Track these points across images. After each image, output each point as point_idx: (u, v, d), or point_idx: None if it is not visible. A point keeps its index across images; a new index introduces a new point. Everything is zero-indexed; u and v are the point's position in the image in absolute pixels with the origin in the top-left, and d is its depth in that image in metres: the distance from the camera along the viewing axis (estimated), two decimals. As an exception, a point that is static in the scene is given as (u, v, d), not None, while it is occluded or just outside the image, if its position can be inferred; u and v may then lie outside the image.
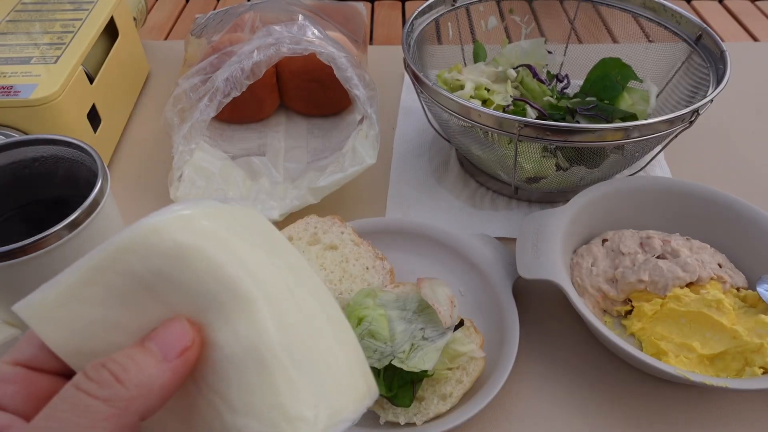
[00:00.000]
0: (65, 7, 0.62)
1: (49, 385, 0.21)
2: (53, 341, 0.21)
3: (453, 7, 0.63)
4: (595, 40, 0.67)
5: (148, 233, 0.20)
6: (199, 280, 0.20)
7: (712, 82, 0.51)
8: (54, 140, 0.41)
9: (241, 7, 0.65)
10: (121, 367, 0.19)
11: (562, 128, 0.45)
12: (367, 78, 0.55)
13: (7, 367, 0.21)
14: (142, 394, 0.19)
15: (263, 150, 0.62)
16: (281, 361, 0.20)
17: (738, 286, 0.44)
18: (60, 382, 0.21)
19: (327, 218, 0.49)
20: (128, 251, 0.20)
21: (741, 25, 0.89)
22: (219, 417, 0.20)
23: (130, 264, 0.20)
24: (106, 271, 0.20)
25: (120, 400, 0.18)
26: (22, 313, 0.21)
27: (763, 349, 0.39)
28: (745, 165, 0.62)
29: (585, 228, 0.49)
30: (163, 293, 0.20)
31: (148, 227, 0.20)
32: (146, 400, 0.19)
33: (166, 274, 0.20)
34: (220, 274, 0.20)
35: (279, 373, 0.20)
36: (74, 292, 0.20)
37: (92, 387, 0.19)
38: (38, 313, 0.20)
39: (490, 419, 0.41)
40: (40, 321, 0.21)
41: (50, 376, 0.22)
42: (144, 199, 0.58)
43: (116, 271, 0.20)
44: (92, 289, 0.20)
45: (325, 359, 0.22)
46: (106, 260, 0.20)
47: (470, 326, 0.42)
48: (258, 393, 0.20)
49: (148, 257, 0.20)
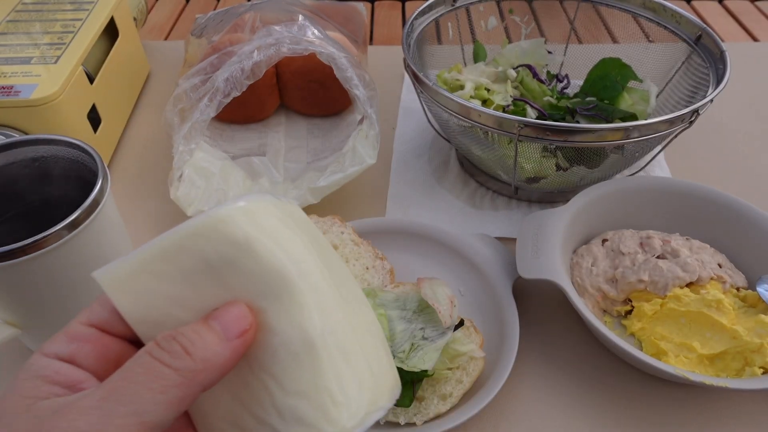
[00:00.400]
0: (65, 7, 0.62)
1: (117, 348, 0.23)
2: (123, 307, 0.23)
3: (453, 7, 0.63)
4: (595, 40, 0.67)
5: (217, 222, 0.22)
6: (260, 270, 0.22)
7: (712, 82, 0.51)
8: (54, 140, 0.41)
9: (241, 7, 0.65)
10: (190, 341, 0.21)
11: (562, 128, 0.45)
12: (367, 78, 0.55)
13: (82, 327, 0.23)
14: (207, 368, 0.21)
15: (263, 150, 0.62)
16: (329, 350, 0.23)
17: (738, 286, 0.44)
18: (126, 346, 0.23)
19: (327, 218, 0.49)
20: (199, 236, 0.22)
21: (741, 25, 0.89)
22: (270, 395, 0.22)
23: (200, 247, 0.22)
24: (177, 251, 0.22)
25: (188, 371, 0.20)
26: (100, 279, 0.23)
27: (763, 349, 0.39)
28: (745, 165, 0.62)
29: (585, 228, 0.49)
30: (226, 277, 0.22)
31: (218, 217, 0.22)
32: (209, 373, 0.21)
33: (231, 261, 0.22)
34: (279, 267, 0.22)
35: (327, 360, 0.23)
36: (146, 266, 0.22)
37: (165, 356, 0.20)
38: (113, 281, 0.23)
39: (490, 419, 0.41)
40: (114, 288, 0.23)
41: (118, 340, 0.23)
42: (144, 199, 0.58)
43: (187, 252, 0.22)
44: (163, 265, 0.22)
45: (364, 350, 0.24)
46: (178, 241, 0.22)
47: (470, 326, 0.42)
48: (308, 376, 0.22)
49: (218, 243, 0.22)
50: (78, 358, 0.22)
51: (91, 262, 0.39)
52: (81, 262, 0.38)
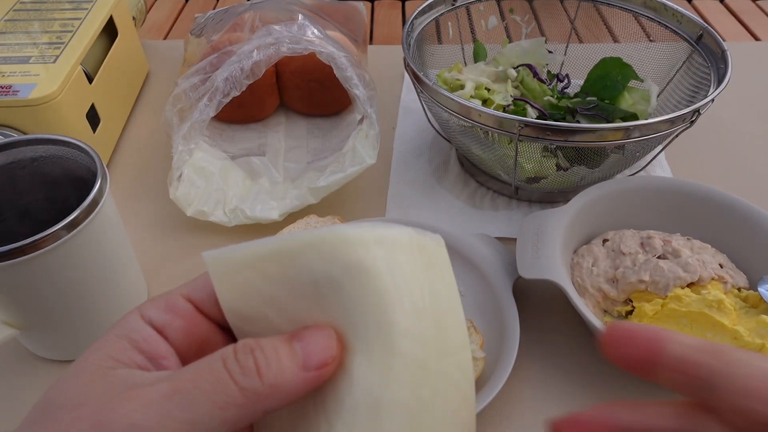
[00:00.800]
0: (64, 6, 0.62)
1: (206, 329, 0.23)
2: (222, 295, 0.22)
3: (453, 6, 0.63)
4: (596, 39, 0.67)
5: (338, 241, 0.21)
6: (365, 307, 0.21)
7: (713, 82, 0.51)
8: (53, 140, 0.41)
9: (240, 7, 0.65)
10: (266, 360, 0.20)
11: (562, 128, 0.45)
12: (367, 78, 0.55)
13: (181, 300, 0.23)
14: (273, 394, 0.20)
15: (263, 150, 0.62)
16: (393, 428, 0.20)
17: (739, 287, 0.44)
18: (214, 330, 0.23)
19: (327, 218, 0.49)
20: (314, 249, 0.21)
21: (742, 24, 0.89)
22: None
23: (310, 260, 0.21)
24: (289, 257, 0.21)
25: (253, 394, 0.20)
26: (209, 261, 0.22)
27: (765, 350, 0.39)
28: (747, 165, 0.62)
29: (585, 228, 0.49)
30: (326, 298, 0.21)
31: (341, 236, 0.21)
32: (274, 400, 0.20)
33: (337, 284, 0.21)
34: (383, 311, 0.20)
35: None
36: (255, 263, 0.22)
37: (236, 371, 0.20)
38: (220, 267, 0.22)
39: (489, 419, 0.41)
40: (219, 274, 0.22)
41: (208, 322, 0.23)
42: (143, 199, 0.58)
43: (297, 261, 0.21)
44: (271, 267, 0.22)
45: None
46: (292, 248, 0.21)
47: (470, 326, 0.42)
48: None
49: (330, 262, 0.21)
50: (168, 330, 0.22)
51: (90, 262, 0.39)
52: (80, 262, 0.38)
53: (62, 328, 0.41)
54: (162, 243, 0.53)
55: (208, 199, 0.53)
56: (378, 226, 0.22)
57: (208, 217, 0.52)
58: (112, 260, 0.41)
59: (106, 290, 0.42)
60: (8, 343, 0.43)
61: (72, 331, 0.42)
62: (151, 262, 0.51)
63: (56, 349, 0.44)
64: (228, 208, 0.53)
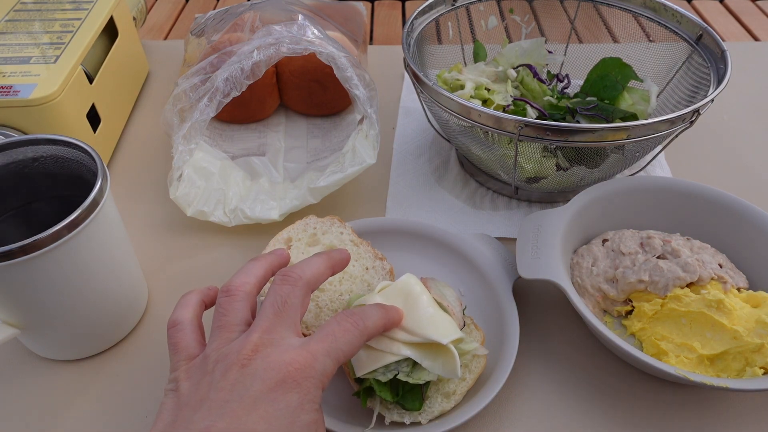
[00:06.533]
0: (65, 6, 0.62)
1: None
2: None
3: (453, 6, 0.63)
4: (596, 39, 0.67)
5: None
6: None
7: (713, 82, 0.51)
8: (53, 140, 0.41)
9: (240, 7, 0.65)
10: (368, 316, 0.35)
11: (562, 128, 0.45)
12: (367, 78, 0.55)
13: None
14: (372, 333, 0.35)
15: (263, 150, 0.62)
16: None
17: (739, 286, 0.44)
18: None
19: (326, 218, 0.49)
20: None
21: (742, 24, 0.89)
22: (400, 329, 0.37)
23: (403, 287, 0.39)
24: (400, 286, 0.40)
25: (365, 331, 0.34)
26: None
27: (764, 350, 0.39)
28: (746, 165, 0.62)
29: (585, 228, 0.49)
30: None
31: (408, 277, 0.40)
32: (371, 334, 0.35)
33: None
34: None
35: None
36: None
37: (355, 320, 0.34)
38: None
39: (490, 419, 0.41)
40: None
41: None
42: (144, 199, 0.58)
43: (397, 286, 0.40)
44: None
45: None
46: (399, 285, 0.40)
47: (471, 323, 0.42)
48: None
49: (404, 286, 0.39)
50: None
51: (91, 262, 0.39)
52: (80, 262, 0.38)
53: (62, 328, 0.41)
54: (162, 243, 0.53)
55: (208, 199, 0.53)
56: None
57: (208, 217, 0.52)
58: (112, 260, 0.41)
59: (106, 290, 0.42)
60: (8, 343, 0.43)
61: (72, 331, 0.42)
62: (152, 262, 0.51)
63: (56, 349, 0.44)
64: (228, 208, 0.53)
